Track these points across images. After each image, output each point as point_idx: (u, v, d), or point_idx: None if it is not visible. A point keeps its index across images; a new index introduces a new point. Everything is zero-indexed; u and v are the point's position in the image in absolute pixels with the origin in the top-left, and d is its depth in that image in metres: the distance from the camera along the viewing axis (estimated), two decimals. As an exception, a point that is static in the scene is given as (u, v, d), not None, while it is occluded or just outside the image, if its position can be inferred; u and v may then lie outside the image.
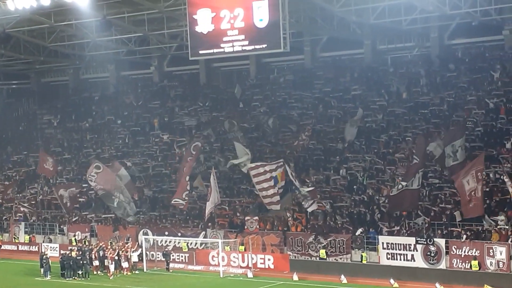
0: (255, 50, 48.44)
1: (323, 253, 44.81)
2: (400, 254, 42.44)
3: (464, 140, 44.36)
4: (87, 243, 50.99)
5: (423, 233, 42.35)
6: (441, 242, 41.31)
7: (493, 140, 47.19)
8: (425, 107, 52.72)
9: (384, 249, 42.87)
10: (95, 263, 47.40)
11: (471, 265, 40.25)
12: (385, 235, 43.41)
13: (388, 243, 42.83)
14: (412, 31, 56.25)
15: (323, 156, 52.70)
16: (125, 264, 46.94)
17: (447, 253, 41.22)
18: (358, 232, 44.51)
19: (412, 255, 42.07)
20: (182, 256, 48.82)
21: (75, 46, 64.63)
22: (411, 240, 42.15)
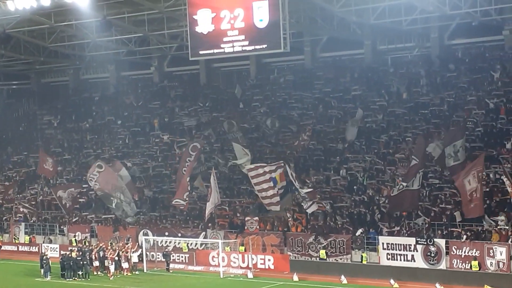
0: (255, 50, 48.42)
1: (323, 253, 44.77)
2: (400, 255, 42.41)
3: (464, 140, 44.36)
4: (87, 244, 50.98)
5: (423, 233, 42.33)
6: (441, 242, 41.27)
7: (493, 140, 47.17)
8: (425, 107, 52.71)
9: (384, 249, 42.84)
10: (95, 263, 47.37)
11: (471, 265, 40.22)
12: (385, 236, 43.39)
13: (388, 243, 42.79)
14: (412, 31, 56.25)
15: (323, 157, 52.67)
16: (125, 265, 46.91)
17: (447, 253, 41.19)
18: (358, 233, 44.48)
19: (412, 255, 42.03)
20: (182, 257, 48.78)
21: (75, 46, 64.57)
22: (411, 241, 42.11)
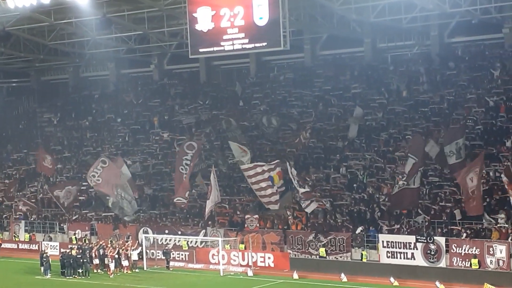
0: (255, 48, 48.45)
1: (323, 251, 44.76)
2: (400, 253, 42.43)
3: (464, 138, 44.36)
4: (87, 242, 51.01)
5: (423, 231, 42.34)
6: (441, 240, 41.29)
7: (493, 138, 47.19)
8: (425, 105, 52.71)
9: (384, 247, 42.85)
10: (95, 261, 47.36)
11: (471, 263, 40.23)
12: (385, 234, 43.40)
13: (388, 241, 42.80)
14: (412, 29, 56.24)
15: (323, 155, 52.67)
16: (125, 263, 46.88)
17: (447, 251, 41.20)
18: (358, 231, 44.48)
19: (412, 253, 42.05)
20: (182, 255, 48.77)
21: (75, 44, 64.53)
22: (411, 239, 42.12)
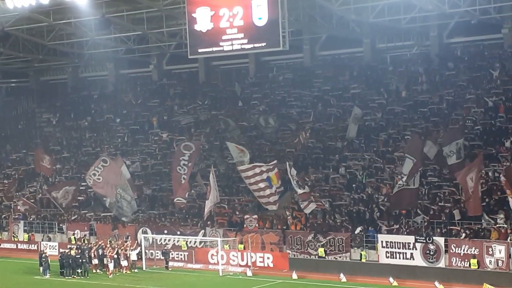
0: (254, 48, 48.44)
1: (322, 251, 44.75)
2: (399, 253, 42.42)
3: (463, 139, 44.37)
4: (86, 242, 50.96)
5: (422, 231, 42.35)
6: (440, 240, 41.29)
7: (492, 139, 47.19)
8: (424, 105, 52.72)
9: (383, 247, 42.85)
10: (94, 261, 47.33)
11: (470, 263, 40.21)
12: (384, 234, 43.40)
13: (387, 241, 42.79)
14: (411, 29, 56.25)
15: (322, 155, 52.68)
16: (124, 263, 46.84)
17: (446, 251, 41.20)
18: (357, 231, 44.48)
19: (411, 253, 42.04)
20: (181, 255, 48.76)
21: (74, 44, 64.54)
22: (410, 239, 42.12)
